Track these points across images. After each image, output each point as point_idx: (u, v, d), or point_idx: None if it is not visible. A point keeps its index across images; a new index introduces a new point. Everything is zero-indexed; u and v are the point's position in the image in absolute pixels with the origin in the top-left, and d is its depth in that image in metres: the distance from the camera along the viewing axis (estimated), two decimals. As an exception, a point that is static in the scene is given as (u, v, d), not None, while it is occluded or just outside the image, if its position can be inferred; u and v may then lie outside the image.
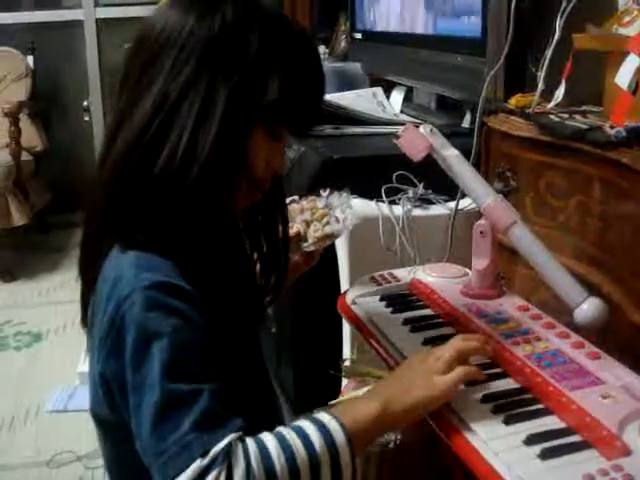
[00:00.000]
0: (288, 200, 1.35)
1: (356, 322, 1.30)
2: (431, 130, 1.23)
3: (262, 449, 0.83)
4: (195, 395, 0.84)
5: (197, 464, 0.80)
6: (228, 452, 0.81)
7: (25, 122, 4.05)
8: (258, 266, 1.17)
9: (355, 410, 0.92)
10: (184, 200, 0.93)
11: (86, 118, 4.43)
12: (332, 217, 1.27)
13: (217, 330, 0.92)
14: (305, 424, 0.88)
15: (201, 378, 0.86)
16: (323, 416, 0.89)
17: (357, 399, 1.09)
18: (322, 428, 0.87)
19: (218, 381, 0.87)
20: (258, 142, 0.98)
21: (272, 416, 1.16)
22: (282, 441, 0.84)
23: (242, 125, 0.95)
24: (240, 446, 0.83)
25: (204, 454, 0.80)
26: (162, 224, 0.94)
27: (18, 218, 3.78)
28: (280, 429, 0.87)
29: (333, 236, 1.28)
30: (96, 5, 4.52)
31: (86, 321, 1.02)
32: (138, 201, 0.94)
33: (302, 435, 0.86)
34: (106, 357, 0.92)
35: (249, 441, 0.84)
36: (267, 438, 0.85)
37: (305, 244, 1.26)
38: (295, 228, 1.25)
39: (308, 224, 1.26)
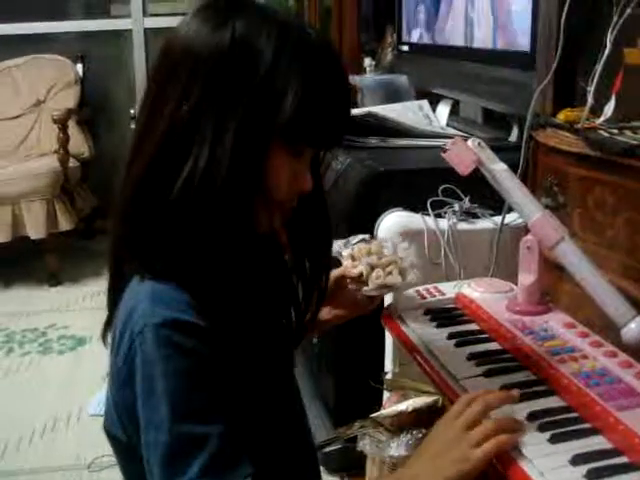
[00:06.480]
0: (358, 238, 1.34)
1: (400, 335, 1.30)
2: (479, 144, 1.23)
3: None
4: (205, 437, 0.83)
5: None
6: None
7: (73, 129, 4.11)
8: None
9: None
10: (202, 226, 0.89)
11: (133, 126, 4.45)
12: (396, 268, 1.24)
13: (236, 364, 0.90)
14: None
15: (211, 419, 0.84)
16: None
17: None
18: None
19: (229, 422, 0.85)
20: (278, 161, 0.92)
21: (303, 449, 1.12)
22: None
23: (258, 146, 0.89)
24: None
25: None
26: (180, 251, 0.90)
27: (64, 223, 3.83)
28: None
29: (393, 288, 1.25)
30: (145, 15, 4.59)
31: (106, 338, 1.00)
32: (155, 228, 0.91)
33: None
34: (119, 387, 0.92)
35: None
36: None
37: (366, 288, 1.23)
38: (358, 269, 1.23)
39: (372, 268, 1.23)
